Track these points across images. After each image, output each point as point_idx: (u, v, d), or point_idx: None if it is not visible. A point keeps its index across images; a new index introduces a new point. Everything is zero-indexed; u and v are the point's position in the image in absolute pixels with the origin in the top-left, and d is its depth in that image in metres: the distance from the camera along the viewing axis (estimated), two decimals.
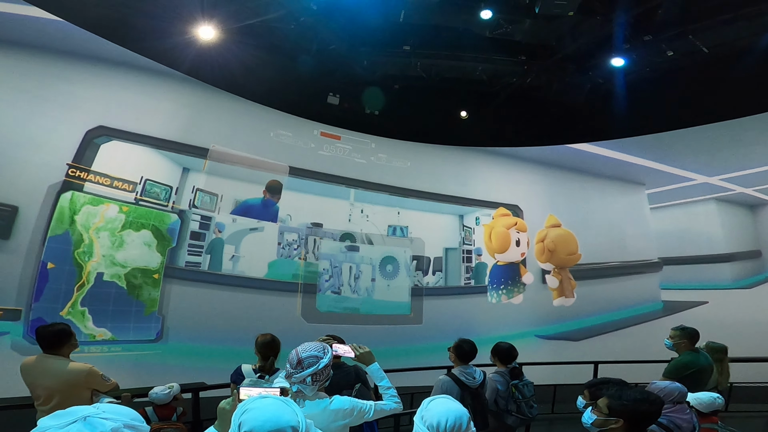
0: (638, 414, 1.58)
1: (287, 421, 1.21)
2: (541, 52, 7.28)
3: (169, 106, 6.45)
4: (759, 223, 7.38)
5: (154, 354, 5.94)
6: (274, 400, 1.28)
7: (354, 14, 6.40)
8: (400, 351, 7.47)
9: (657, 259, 8.01)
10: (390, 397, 2.17)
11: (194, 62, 6.43)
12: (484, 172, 8.92)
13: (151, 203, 6.17)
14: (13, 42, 5.16)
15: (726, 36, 6.43)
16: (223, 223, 6.81)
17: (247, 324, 6.14)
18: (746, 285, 7.24)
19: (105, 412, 1.09)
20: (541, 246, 8.54)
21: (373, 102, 8.11)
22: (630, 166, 8.28)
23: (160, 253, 6.15)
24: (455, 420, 1.42)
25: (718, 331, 4.45)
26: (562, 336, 8.19)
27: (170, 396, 3.44)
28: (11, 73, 5.13)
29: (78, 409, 1.07)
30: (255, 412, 1.23)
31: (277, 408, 1.24)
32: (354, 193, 8.02)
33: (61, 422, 1.02)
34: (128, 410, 1.17)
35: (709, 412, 2.43)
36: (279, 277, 7.17)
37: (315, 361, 1.94)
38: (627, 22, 6.43)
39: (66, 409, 1.07)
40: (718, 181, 7.58)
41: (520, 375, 3.54)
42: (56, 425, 1.02)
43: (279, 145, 7.47)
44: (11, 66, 5.13)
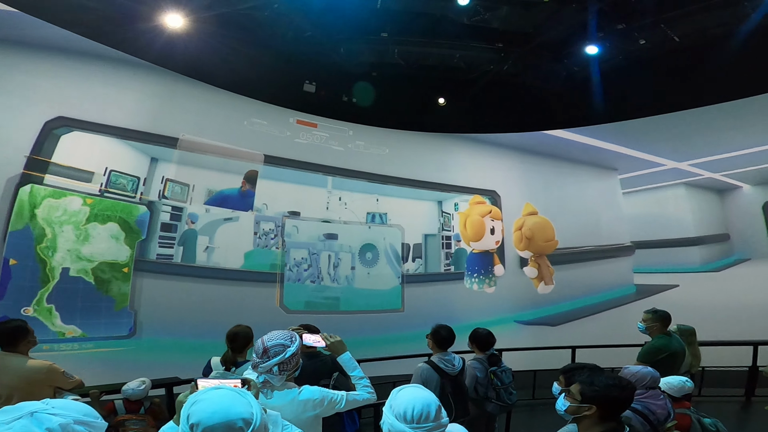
0: (610, 400, 1.58)
1: (238, 413, 1.15)
2: (518, 40, 7.27)
3: (135, 96, 6.23)
4: (726, 208, 7.67)
5: (128, 350, 5.79)
6: (227, 392, 1.22)
7: (330, 1, 6.25)
8: (382, 339, 7.50)
9: (629, 243, 8.24)
10: (363, 387, 2.15)
11: (163, 51, 6.18)
12: (462, 158, 8.94)
13: (118, 195, 5.95)
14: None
15: (696, 25, 6.54)
16: (196, 214, 6.62)
17: (223, 317, 5.98)
18: (715, 268, 7.54)
19: (54, 408, 1.06)
20: (519, 234, 8.64)
21: (362, 95, 7.97)
22: (603, 152, 8.45)
23: (129, 246, 5.94)
24: (422, 408, 1.40)
25: (689, 314, 4.61)
26: (540, 321, 8.36)
27: (146, 391, 3.42)
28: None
29: (25, 404, 1.04)
30: (204, 403, 1.17)
31: (228, 399, 1.19)
32: (332, 180, 7.92)
33: (7, 418, 0.99)
34: (80, 405, 1.13)
35: (681, 397, 2.46)
36: (256, 267, 7.06)
37: (281, 350, 1.90)
38: (601, 10, 6.46)
39: (13, 405, 1.04)
40: (687, 166, 7.81)
41: (499, 362, 3.56)
42: (2, 421, 0.98)
43: (253, 133, 7.29)
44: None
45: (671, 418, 2.10)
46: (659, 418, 2.06)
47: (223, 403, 1.17)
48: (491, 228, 8.57)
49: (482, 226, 8.53)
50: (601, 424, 1.60)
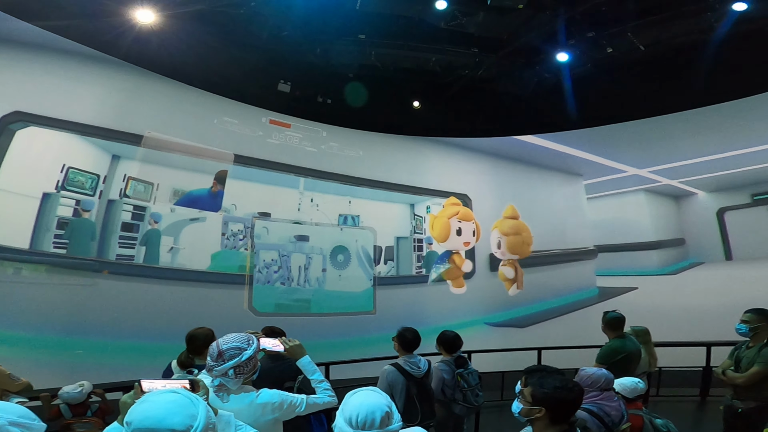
0: (557, 402, 1.59)
1: (174, 423, 1.11)
2: (492, 45, 7.38)
3: (99, 91, 6.05)
4: (683, 213, 8.06)
5: (87, 353, 5.58)
6: (176, 398, 1.18)
7: (309, 1, 6.21)
8: (353, 342, 7.45)
9: (593, 246, 8.51)
10: (323, 390, 2.14)
11: (132, 47, 6.01)
12: (435, 161, 9.01)
13: (75, 192, 5.72)
14: None
15: (661, 35, 6.77)
16: (159, 214, 6.43)
17: (188, 319, 5.83)
18: (672, 271, 7.89)
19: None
20: (519, 239, 8.73)
21: (356, 97, 7.91)
22: (570, 158, 8.69)
23: None
24: (366, 414, 1.40)
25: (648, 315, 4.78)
26: (509, 323, 8.51)
27: (83, 394, 3.39)
28: None
29: None
30: (144, 405, 1.15)
31: (170, 406, 1.15)
32: (304, 182, 7.84)
33: None
34: (16, 407, 1.11)
35: (634, 398, 2.51)
36: (223, 269, 6.92)
37: (237, 353, 1.86)
38: (573, 17, 6.62)
39: None
40: (647, 173, 8.16)
41: (466, 364, 3.58)
42: None
43: (224, 132, 7.14)
44: None
45: (625, 420, 2.15)
46: (614, 420, 2.10)
47: (163, 409, 1.13)
48: (457, 229, 8.65)
49: (447, 227, 8.60)
50: (552, 426, 1.61)
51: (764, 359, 2.89)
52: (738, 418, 3.03)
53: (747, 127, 7.10)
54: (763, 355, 2.90)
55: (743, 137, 7.16)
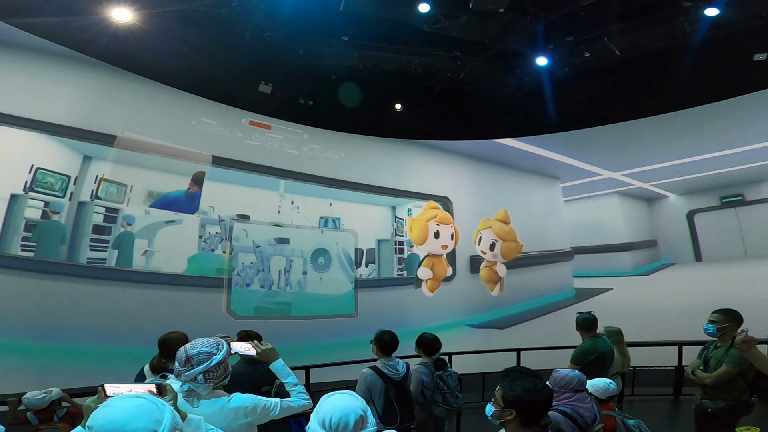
0: (526, 404, 1.60)
1: (137, 428, 1.09)
2: (474, 49, 7.45)
3: (71, 91, 5.88)
4: (654, 215, 8.31)
5: (58, 358, 5.41)
6: (141, 403, 1.15)
7: (292, 2, 6.15)
8: (335, 345, 7.40)
9: (570, 248, 8.66)
10: (297, 393, 2.13)
11: (108, 46, 5.86)
12: (416, 164, 9.02)
13: (45, 194, 5.54)
14: None
15: (636, 40, 6.92)
16: (132, 216, 6.26)
17: (164, 323, 5.69)
18: (645, 272, 8.10)
19: None
20: (513, 245, 8.78)
21: (349, 97, 7.85)
22: (548, 161, 8.85)
23: None
24: (340, 417, 1.39)
25: (622, 316, 4.88)
26: (490, 324, 8.58)
27: (46, 401, 3.32)
28: None
29: None
30: (107, 410, 1.13)
31: (134, 411, 1.12)
32: (284, 183, 7.75)
33: None
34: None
35: (606, 399, 2.54)
36: (201, 272, 6.78)
37: (206, 358, 1.84)
38: (552, 22, 6.73)
39: None
40: (620, 176, 8.38)
41: (445, 366, 3.59)
42: None
43: (202, 133, 7.01)
44: None
45: (598, 421, 2.18)
46: (587, 421, 2.13)
47: (125, 414, 1.11)
48: (435, 232, 8.69)
49: (425, 229, 8.63)
50: (523, 428, 1.62)
51: (732, 359, 2.91)
52: (708, 418, 3.07)
53: (716, 132, 7.35)
54: (731, 355, 2.92)
55: (712, 141, 7.41)
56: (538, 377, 1.67)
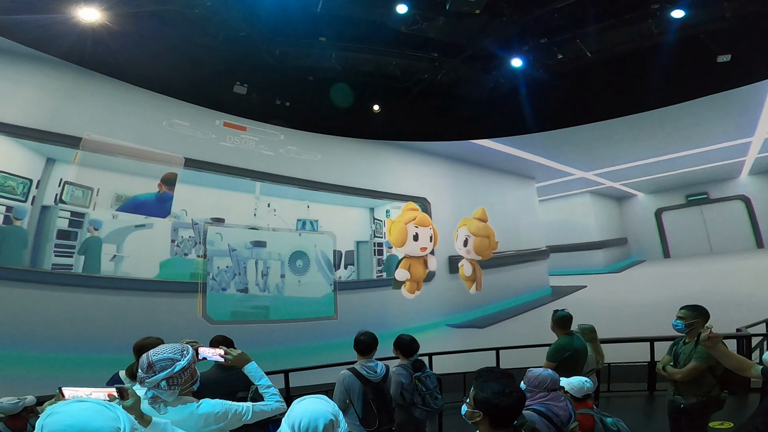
0: (493, 407, 1.59)
1: (98, 428, 1.04)
2: (451, 50, 7.51)
3: (33, 91, 5.67)
4: (624, 214, 8.56)
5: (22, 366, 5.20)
6: (90, 405, 1.09)
7: (269, 2, 6.07)
8: (315, 347, 7.32)
9: (545, 247, 8.81)
10: (270, 395, 2.10)
11: (74, 46, 5.67)
12: (394, 165, 9.03)
13: (5, 198, 5.30)
14: None
15: (606, 41, 7.10)
16: (99, 220, 6.05)
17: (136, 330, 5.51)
18: (616, 269, 8.33)
19: None
20: (487, 242, 8.85)
21: (341, 98, 7.76)
22: (523, 162, 8.99)
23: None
24: (309, 421, 1.37)
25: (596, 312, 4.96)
26: (469, 324, 8.65)
27: (19, 407, 3.21)
28: None
29: None
30: (59, 416, 1.05)
31: (87, 413, 1.06)
32: (260, 186, 7.63)
33: None
34: None
35: (582, 397, 2.55)
36: (174, 277, 6.60)
37: (169, 364, 1.81)
38: (527, 24, 6.83)
39: None
40: (592, 176, 8.60)
41: (423, 367, 3.56)
42: None
43: (173, 135, 6.84)
44: None
45: (573, 420, 2.20)
46: (562, 420, 2.14)
47: (81, 417, 1.04)
48: (414, 234, 8.71)
49: (404, 232, 8.65)
50: (493, 431, 1.62)
51: (700, 355, 2.95)
52: (681, 413, 3.11)
53: (681, 132, 7.59)
54: (699, 351, 2.95)
55: (678, 141, 7.66)
56: (510, 379, 1.67)
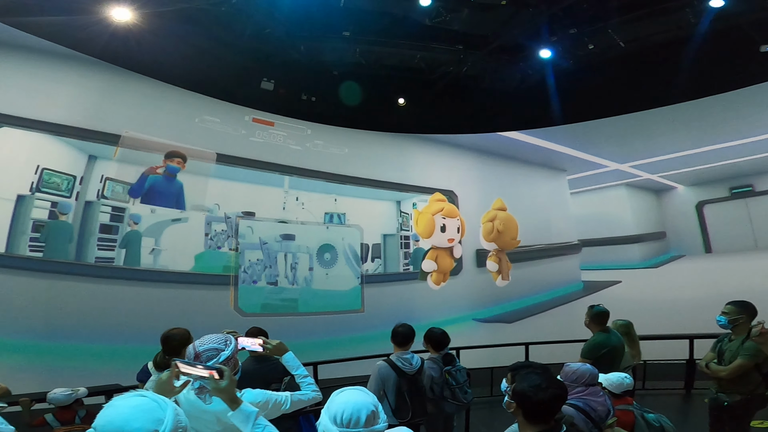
0: (527, 400, 1.60)
1: (135, 429, 1.09)
2: (477, 42, 7.40)
3: (74, 91, 5.88)
4: (663, 207, 8.22)
5: (65, 357, 5.44)
6: (142, 403, 1.15)
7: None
8: (342, 340, 7.43)
9: (576, 241, 8.61)
10: (307, 385, 2.12)
11: (109, 45, 5.86)
12: (420, 158, 9.00)
13: (51, 194, 5.55)
14: None
15: (641, 31, 6.87)
16: (138, 215, 6.28)
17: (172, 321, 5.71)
18: (653, 264, 8.03)
19: None
20: (490, 226, 8.80)
21: (349, 96, 7.83)
22: (554, 154, 8.77)
23: None
24: (351, 413, 1.39)
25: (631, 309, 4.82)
26: (497, 318, 8.57)
27: (71, 398, 3.30)
28: None
29: None
30: (110, 410, 1.13)
31: (133, 411, 1.12)
32: (288, 180, 7.74)
33: None
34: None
35: (622, 393, 2.50)
36: (208, 269, 6.80)
37: (215, 354, 1.83)
38: (555, 15, 6.67)
39: None
40: (628, 168, 8.29)
41: (453, 361, 3.56)
42: None
43: (205, 131, 7.02)
44: None
45: (611, 415, 2.15)
46: (600, 415, 2.10)
47: (125, 414, 1.11)
48: (441, 225, 8.66)
49: (432, 223, 8.62)
50: (530, 424, 1.62)
51: (747, 352, 2.87)
52: (724, 412, 3.03)
53: (723, 123, 7.25)
54: (746, 348, 2.88)
55: (720, 132, 7.32)
56: (550, 375, 1.66)
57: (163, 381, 1.64)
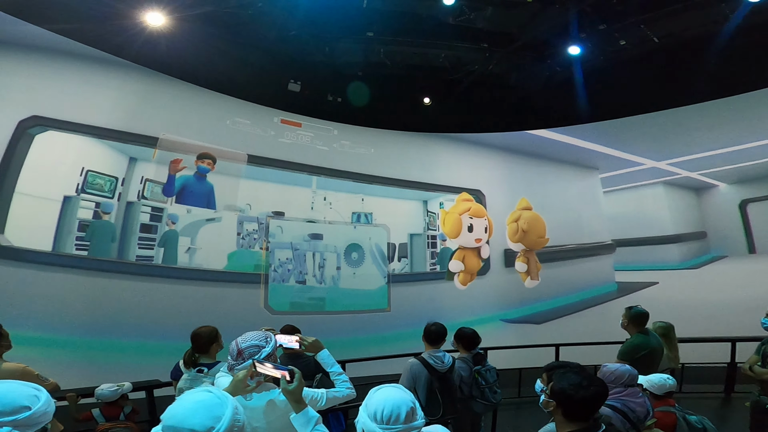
0: (567, 398, 1.59)
1: (195, 424, 1.16)
2: (502, 40, 7.32)
3: (113, 94, 6.11)
4: (704, 206, 7.88)
5: (108, 353, 5.65)
6: (205, 400, 1.22)
7: (316, 0, 6.20)
8: (369, 339, 7.47)
9: (610, 241, 8.38)
10: (342, 383, 2.13)
11: (143, 49, 6.07)
12: (447, 158, 8.96)
13: (95, 195, 5.81)
14: None
15: (675, 26, 6.65)
16: (176, 215, 6.50)
17: (206, 318, 5.90)
18: (693, 265, 7.72)
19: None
20: (515, 226, 8.70)
21: (358, 95, 7.92)
22: (585, 152, 8.58)
23: None
24: (392, 410, 1.40)
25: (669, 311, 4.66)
26: (525, 319, 8.44)
27: (117, 393, 3.34)
28: None
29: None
30: (176, 403, 1.21)
31: (196, 406, 1.19)
32: (316, 180, 7.86)
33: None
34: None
35: (664, 395, 2.46)
36: (239, 268, 6.97)
37: (256, 351, 1.88)
38: (583, 11, 6.53)
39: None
40: (665, 165, 8.00)
41: (483, 360, 3.54)
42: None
43: (236, 133, 7.20)
44: None
45: (650, 416, 2.12)
46: (639, 416, 2.07)
47: (187, 410, 1.18)
48: (469, 225, 8.60)
49: (459, 223, 8.56)
50: (569, 423, 1.62)
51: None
52: (765, 414, 2.96)
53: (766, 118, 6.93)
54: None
55: (765, 128, 6.99)
56: (590, 375, 1.66)
57: (239, 380, 1.71)
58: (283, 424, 1.86)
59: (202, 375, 2.69)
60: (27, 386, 1.28)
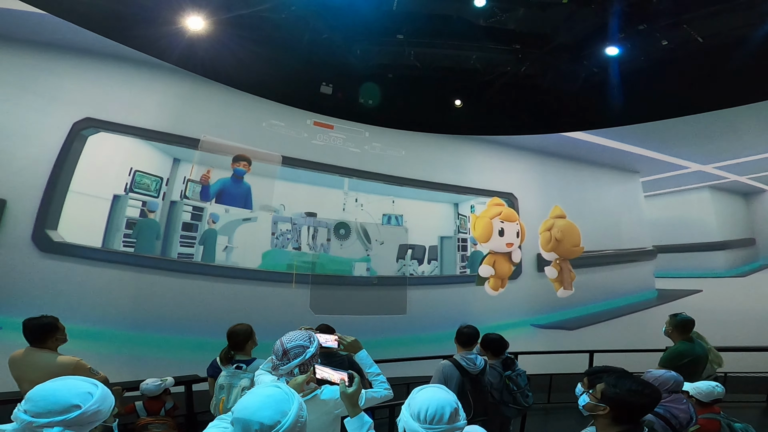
0: (627, 404, 1.58)
1: (263, 417, 1.21)
2: (535, 41, 7.21)
3: (157, 97, 6.36)
4: (753, 211, 7.43)
5: (149, 348, 5.87)
6: (271, 392, 1.28)
7: (346, 3, 6.30)
8: (396, 341, 7.46)
9: (651, 247, 8.05)
10: (380, 383, 2.13)
11: (184, 53, 6.32)
12: (478, 160, 8.88)
13: (142, 194, 6.10)
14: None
15: (721, 26, 6.39)
16: (217, 214, 6.74)
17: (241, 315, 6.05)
18: (740, 273, 7.30)
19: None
20: (548, 235, 8.52)
21: (369, 95, 8.01)
22: (624, 154, 8.28)
23: None
24: (436, 410, 1.40)
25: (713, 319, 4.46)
26: (557, 325, 8.23)
27: (161, 388, 3.42)
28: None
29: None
30: (247, 397, 1.27)
31: (266, 400, 1.25)
32: (348, 182, 7.96)
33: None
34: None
35: (710, 402, 2.40)
36: (273, 267, 7.12)
37: (301, 351, 1.90)
38: (621, 11, 6.36)
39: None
40: (711, 169, 7.60)
41: (513, 365, 3.50)
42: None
43: (272, 134, 7.39)
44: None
45: (693, 422, 2.07)
46: (681, 423, 2.03)
47: (257, 403, 1.24)
48: (500, 229, 8.48)
49: (489, 227, 8.46)
50: (615, 425, 1.61)
51: None
52: None
53: None
54: None
55: None
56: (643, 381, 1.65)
57: (299, 383, 1.75)
58: (322, 423, 1.90)
59: (241, 372, 2.77)
60: (82, 383, 1.30)
